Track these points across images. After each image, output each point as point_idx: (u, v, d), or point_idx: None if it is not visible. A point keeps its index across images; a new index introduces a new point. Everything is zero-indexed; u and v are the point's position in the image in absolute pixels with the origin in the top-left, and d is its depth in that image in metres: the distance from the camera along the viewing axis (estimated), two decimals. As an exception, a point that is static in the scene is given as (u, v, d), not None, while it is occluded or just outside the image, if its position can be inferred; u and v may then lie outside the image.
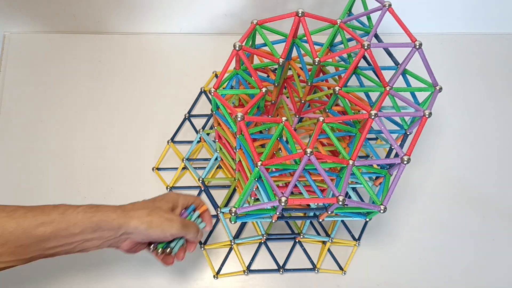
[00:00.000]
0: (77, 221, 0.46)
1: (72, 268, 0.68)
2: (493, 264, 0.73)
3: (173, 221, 0.52)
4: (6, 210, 0.44)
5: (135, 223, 0.50)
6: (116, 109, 0.80)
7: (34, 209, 0.45)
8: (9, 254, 0.44)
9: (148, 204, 0.53)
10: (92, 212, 0.48)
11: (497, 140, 0.82)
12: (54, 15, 0.82)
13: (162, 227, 0.51)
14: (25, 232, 0.44)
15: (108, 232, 0.49)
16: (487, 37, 0.92)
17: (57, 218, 0.45)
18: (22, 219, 0.44)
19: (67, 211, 0.46)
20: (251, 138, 0.50)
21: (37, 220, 0.44)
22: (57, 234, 0.46)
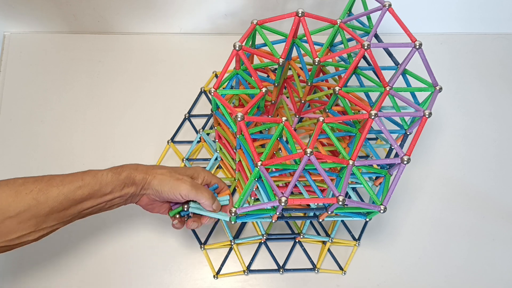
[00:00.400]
0: (108, 181, 0.51)
1: (73, 268, 0.68)
2: (493, 264, 0.73)
3: (183, 180, 0.55)
4: (44, 179, 0.48)
5: (150, 179, 0.54)
6: (116, 109, 0.80)
7: (67, 176, 0.50)
8: (53, 219, 0.49)
9: (168, 167, 0.58)
10: (119, 172, 0.53)
11: (497, 140, 0.82)
12: (54, 15, 0.82)
13: (171, 185, 0.54)
14: (66, 197, 0.48)
15: (131, 188, 0.54)
16: (487, 37, 0.92)
17: (91, 181, 0.50)
18: (61, 186, 0.48)
19: (98, 174, 0.51)
20: (251, 138, 0.50)
21: (74, 185, 0.49)
22: (93, 195, 0.51)
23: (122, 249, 0.70)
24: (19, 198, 0.46)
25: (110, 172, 0.52)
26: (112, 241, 0.70)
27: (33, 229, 0.47)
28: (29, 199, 0.46)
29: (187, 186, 0.55)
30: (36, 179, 0.48)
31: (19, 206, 0.45)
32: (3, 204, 0.45)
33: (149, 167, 0.56)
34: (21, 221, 0.46)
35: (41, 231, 0.48)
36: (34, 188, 0.47)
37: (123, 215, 0.72)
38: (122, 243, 0.70)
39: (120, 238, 0.70)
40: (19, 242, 0.47)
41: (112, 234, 0.71)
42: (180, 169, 0.57)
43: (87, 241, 0.70)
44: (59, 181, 0.49)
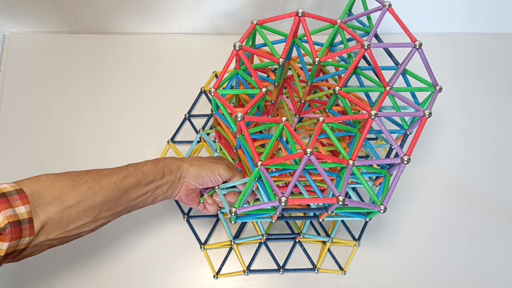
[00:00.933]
0: (149, 171, 0.55)
1: (72, 267, 0.68)
2: (493, 264, 0.73)
3: (219, 162, 0.61)
4: (94, 172, 0.51)
5: (186, 166, 0.58)
6: (116, 109, 0.80)
7: (113, 169, 0.53)
8: (108, 209, 0.51)
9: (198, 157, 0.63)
10: (156, 162, 0.56)
11: (497, 140, 0.82)
12: (54, 15, 0.82)
13: (210, 166, 0.59)
14: (117, 185, 0.51)
15: (170, 176, 0.57)
16: (487, 37, 0.92)
17: (134, 171, 0.54)
18: (110, 176, 0.51)
19: (138, 165, 0.55)
20: (251, 138, 0.50)
21: (121, 174, 0.52)
22: (138, 183, 0.53)
23: (122, 249, 0.70)
24: (77, 187, 0.47)
25: (148, 162, 0.56)
26: (112, 241, 0.70)
27: (90, 219, 0.49)
28: (86, 188, 0.48)
29: (224, 166, 0.60)
30: (88, 172, 0.50)
31: (77, 195, 0.47)
32: (64, 193, 0.46)
33: (183, 158, 0.60)
34: (79, 211, 0.47)
35: (97, 221, 0.50)
36: (89, 178, 0.49)
37: (123, 215, 0.71)
38: (122, 243, 0.70)
39: (120, 238, 0.70)
40: (77, 232, 0.48)
41: (112, 234, 0.71)
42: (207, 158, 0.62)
43: (87, 241, 0.70)
44: (107, 172, 0.52)
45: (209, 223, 0.73)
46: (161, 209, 0.72)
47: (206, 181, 0.59)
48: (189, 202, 0.62)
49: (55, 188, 0.46)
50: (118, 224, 0.71)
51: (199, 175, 0.59)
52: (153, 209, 0.72)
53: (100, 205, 0.49)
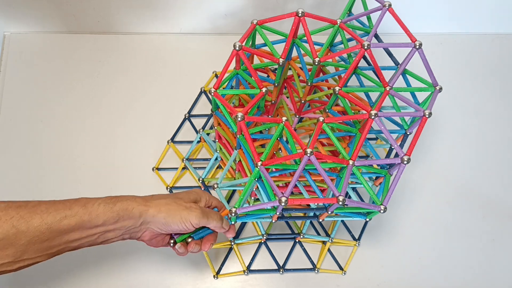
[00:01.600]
0: (99, 212, 0.47)
1: (71, 265, 0.68)
2: (493, 264, 0.73)
3: (192, 208, 0.52)
4: (28, 206, 0.44)
5: (153, 212, 0.50)
6: (116, 109, 0.80)
7: (55, 204, 0.46)
8: (35, 251, 0.45)
9: (169, 195, 0.53)
10: (113, 203, 0.48)
11: (497, 140, 0.82)
12: (54, 15, 0.82)
13: (181, 215, 0.51)
14: (50, 227, 0.44)
15: (129, 222, 0.49)
16: (487, 37, 0.92)
17: (79, 211, 0.46)
18: (45, 214, 0.44)
19: (88, 204, 0.47)
20: (251, 138, 0.50)
21: (60, 214, 0.45)
22: (81, 226, 0.46)
23: (122, 249, 0.70)
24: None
25: (103, 202, 0.48)
26: (112, 241, 0.70)
27: (11, 259, 0.44)
28: (8, 226, 0.42)
29: (198, 214, 0.51)
30: (20, 205, 0.44)
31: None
32: None
33: (148, 198, 0.51)
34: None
35: (20, 262, 0.45)
36: (16, 214, 0.43)
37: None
38: (122, 243, 0.70)
39: (120, 238, 0.70)
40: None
41: (112, 234, 0.71)
42: (182, 195, 0.54)
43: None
44: (44, 208, 0.45)
45: (209, 223, 0.73)
46: (161, 209, 0.72)
47: (174, 229, 0.52)
48: (154, 245, 0.55)
49: None
50: (118, 224, 0.71)
51: (167, 224, 0.51)
52: (153, 209, 0.72)
53: (25, 245, 0.44)
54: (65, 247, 0.47)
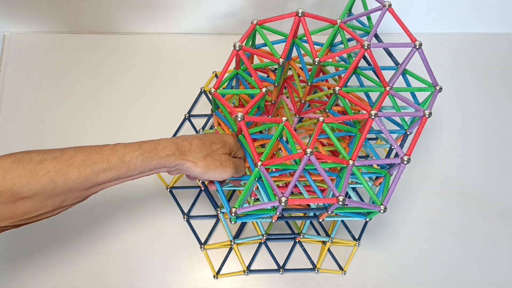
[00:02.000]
0: (137, 166, 0.47)
1: (72, 267, 0.68)
2: (493, 264, 0.73)
3: (227, 166, 0.52)
4: (64, 157, 0.44)
5: (189, 165, 0.50)
6: (116, 109, 0.80)
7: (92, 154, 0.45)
8: (73, 198, 0.46)
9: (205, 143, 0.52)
10: (151, 157, 0.48)
11: (497, 140, 0.82)
12: (54, 15, 0.82)
13: (216, 172, 0.52)
14: (87, 179, 0.44)
15: (163, 169, 0.51)
16: (487, 37, 0.92)
17: (117, 165, 0.46)
18: (83, 168, 0.44)
19: (126, 156, 0.47)
20: (251, 138, 0.50)
21: (98, 167, 0.45)
22: (118, 177, 0.47)
23: (122, 249, 0.70)
24: (35, 179, 0.42)
25: (140, 156, 0.47)
26: (112, 241, 0.70)
27: (51, 208, 0.45)
28: (46, 180, 0.42)
29: (231, 171, 0.53)
30: (56, 157, 0.43)
31: (34, 188, 0.41)
32: (16, 185, 0.41)
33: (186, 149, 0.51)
34: (36, 201, 0.42)
35: (60, 208, 0.46)
36: (53, 168, 0.42)
37: (124, 215, 0.72)
38: (122, 243, 0.70)
39: (120, 238, 0.70)
40: (36, 220, 0.45)
41: (112, 234, 0.70)
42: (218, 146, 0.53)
43: (87, 240, 0.70)
44: (81, 160, 0.44)
45: (209, 223, 0.73)
46: (161, 209, 0.72)
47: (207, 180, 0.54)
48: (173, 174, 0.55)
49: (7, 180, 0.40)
50: (118, 224, 0.71)
51: (202, 177, 0.52)
52: (153, 209, 0.72)
53: (63, 195, 0.44)
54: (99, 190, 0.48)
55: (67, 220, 0.70)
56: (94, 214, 0.71)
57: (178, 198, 0.73)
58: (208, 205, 0.73)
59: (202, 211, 0.73)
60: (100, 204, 0.72)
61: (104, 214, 0.72)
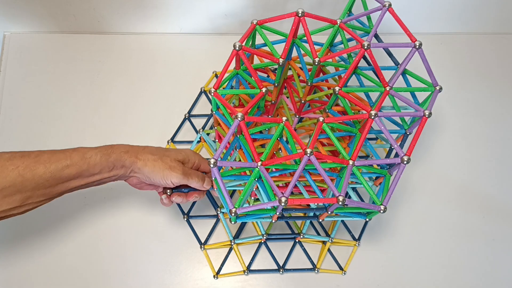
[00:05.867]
0: (97, 162, 0.52)
1: (71, 270, 0.68)
2: (493, 264, 0.73)
3: (175, 169, 0.56)
4: (31, 156, 0.48)
5: (140, 165, 0.55)
6: (116, 109, 0.80)
7: (57, 153, 0.49)
8: (39, 195, 0.49)
9: (159, 150, 0.57)
10: (108, 154, 0.53)
11: (497, 140, 0.82)
12: (54, 15, 0.82)
13: (163, 174, 0.55)
14: (53, 175, 0.48)
15: (121, 170, 0.54)
16: (487, 37, 0.92)
17: (79, 161, 0.50)
18: (48, 164, 0.48)
19: (86, 154, 0.51)
20: (251, 138, 0.50)
21: (62, 163, 0.49)
22: (80, 175, 0.51)
23: (122, 249, 0.70)
24: (4, 173, 0.45)
25: (99, 153, 0.52)
26: (112, 241, 0.70)
27: (18, 204, 0.47)
28: (15, 175, 0.46)
29: (179, 175, 0.56)
30: (24, 155, 0.47)
31: (3, 181, 0.45)
32: None
33: (140, 150, 0.56)
34: (5, 196, 0.46)
35: (26, 205, 0.48)
36: (21, 164, 0.46)
37: (123, 215, 0.72)
38: (122, 243, 0.70)
39: (120, 238, 0.70)
40: (3, 215, 0.47)
41: (112, 234, 0.71)
42: (170, 153, 0.57)
43: (86, 240, 0.70)
44: (46, 158, 0.48)
45: (209, 223, 0.73)
46: (161, 209, 0.72)
47: (157, 183, 0.57)
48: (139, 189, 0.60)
49: None
50: (118, 224, 0.71)
51: (149, 178, 0.56)
52: (153, 209, 0.72)
53: (31, 191, 0.47)
54: (66, 191, 0.52)
55: (67, 219, 0.70)
56: (94, 214, 0.71)
57: (178, 198, 0.73)
58: (208, 205, 0.73)
59: (202, 211, 0.73)
60: (100, 204, 0.72)
61: (104, 214, 0.72)
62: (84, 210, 0.71)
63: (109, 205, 0.72)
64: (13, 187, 0.46)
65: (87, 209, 0.71)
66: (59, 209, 0.71)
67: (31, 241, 0.69)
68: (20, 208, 0.48)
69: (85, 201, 0.72)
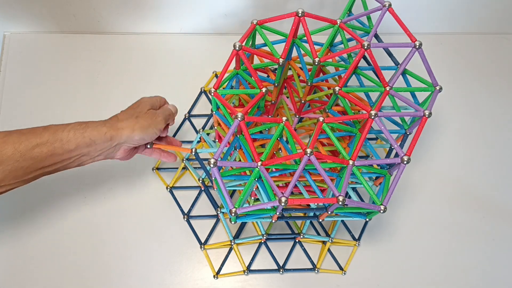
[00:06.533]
0: (70, 138, 0.49)
1: (71, 269, 0.68)
2: (493, 264, 0.73)
3: (157, 117, 0.57)
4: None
5: (127, 133, 0.53)
6: (116, 109, 0.79)
7: (26, 132, 0.47)
8: (12, 178, 0.46)
9: (130, 112, 0.57)
10: (83, 129, 0.50)
11: (497, 140, 0.82)
12: (54, 15, 0.82)
13: (153, 127, 0.56)
14: (23, 155, 0.46)
15: (102, 145, 0.52)
16: (487, 37, 0.92)
17: (50, 138, 0.48)
18: (17, 144, 0.46)
19: (58, 131, 0.49)
20: (251, 138, 0.50)
21: (31, 142, 0.46)
22: (53, 153, 0.48)
23: (122, 248, 0.70)
24: None
25: (72, 128, 0.50)
26: (112, 241, 0.70)
27: None
28: None
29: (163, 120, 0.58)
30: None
31: None
32: None
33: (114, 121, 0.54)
34: None
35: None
36: None
37: (123, 215, 0.72)
38: (122, 243, 0.70)
39: (120, 238, 0.70)
40: None
41: (112, 234, 0.70)
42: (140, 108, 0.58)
43: (86, 240, 0.70)
44: (15, 138, 0.46)
45: (209, 223, 0.73)
46: (161, 209, 0.73)
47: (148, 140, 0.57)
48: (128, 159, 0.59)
49: None
50: (118, 224, 0.71)
51: (142, 139, 0.55)
52: (152, 209, 0.72)
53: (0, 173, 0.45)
54: (42, 172, 0.49)
55: (66, 219, 0.70)
56: (94, 214, 0.71)
57: (178, 198, 0.73)
58: (208, 205, 0.73)
59: (202, 211, 0.73)
60: (99, 204, 0.72)
61: (103, 214, 0.72)
62: (84, 210, 0.71)
63: (109, 205, 0.72)
64: None
65: (87, 209, 0.71)
66: (59, 208, 0.71)
67: (29, 240, 0.69)
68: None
69: (85, 201, 0.72)
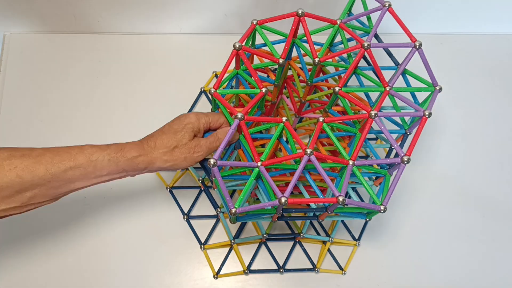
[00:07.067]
0: (104, 166, 0.48)
1: (70, 265, 0.68)
2: (493, 264, 0.73)
3: (196, 152, 0.53)
4: (32, 155, 0.45)
5: (159, 164, 0.52)
6: (116, 109, 0.80)
7: (60, 153, 0.46)
8: (41, 196, 0.46)
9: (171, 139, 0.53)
10: (118, 158, 0.49)
11: (497, 140, 0.82)
12: (54, 15, 0.82)
13: (188, 161, 0.53)
14: (54, 176, 0.45)
15: (133, 173, 0.52)
16: (487, 37, 0.92)
17: (84, 163, 0.47)
18: (50, 165, 0.45)
19: (93, 155, 0.48)
20: (251, 138, 0.50)
21: (65, 165, 0.46)
22: (85, 177, 0.48)
23: (122, 249, 0.70)
24: (1, 174, 0.43)
25: (107, 155, 0.49)
26: (112, 241, 0.70)
27: (18, 204, 0.45)
28: (13, 175, 0.43)
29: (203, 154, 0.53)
30: (24, 154, 0.45)
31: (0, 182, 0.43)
32: None
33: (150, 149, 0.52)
34: (3, 197, 0.44)
35: (27, 206, 0.46)
36: (19, 164, 0.44)
37: (123, 215, 0.72)
38: (122, 243, 0.70)
39: (120, 238, 0.70)
40: (3, 214, 0.45)
41: (112, 234, 0.70)
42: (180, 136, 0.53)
43: (86, 240, 0.70)
44: (49, 158, 0.45)
45: (209, 223, 0.73)
46: (161, 209, 0.72)
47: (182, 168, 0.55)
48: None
49: None
50: (118, 224, 0.71)
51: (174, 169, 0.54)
52: (153, 209, 0.72)
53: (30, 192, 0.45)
54: (71, 191, 0.49)
55: (67, 220, 0.70)
56: (94, 214, 0.71)
57: (178, 198, 0.73)
58: (208, 205, 0.73)
59: (202, 211, 0.73)
60: (100, 204, 0.72)
61: (103, 214, 0.71)
62: (84, 210, 0.71)
63: (109, 205, 0.72)
64: (11, 188, 0.44)
65: (87, 209, 0.71)
66: (59, 209, 0.71)
67: (31, 242, 0.69)
68: (21, 208, 0.46)
69: (85, 201, 0.72)
